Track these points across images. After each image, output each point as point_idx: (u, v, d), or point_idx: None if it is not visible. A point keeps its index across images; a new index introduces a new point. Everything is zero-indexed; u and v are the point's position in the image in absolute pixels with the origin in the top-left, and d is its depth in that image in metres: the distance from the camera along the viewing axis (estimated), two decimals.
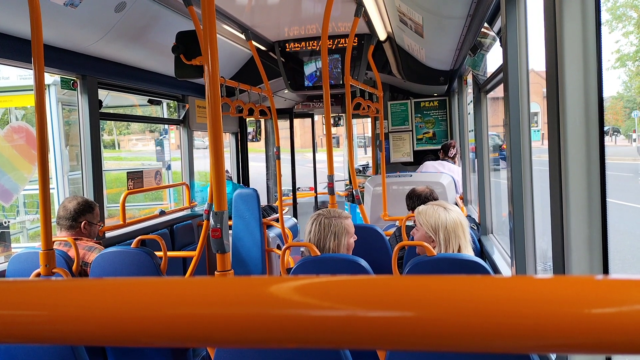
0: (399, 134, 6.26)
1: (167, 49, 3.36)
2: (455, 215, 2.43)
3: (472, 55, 3.21)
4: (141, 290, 0.45)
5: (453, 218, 2.41)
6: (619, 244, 6.04)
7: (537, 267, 2.30)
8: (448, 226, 2.39)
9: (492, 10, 2.57)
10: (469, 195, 4.94)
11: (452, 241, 2.38)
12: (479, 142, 3.82)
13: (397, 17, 3.84)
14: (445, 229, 2.39)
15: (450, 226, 2.39)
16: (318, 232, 2.54)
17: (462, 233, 2.40)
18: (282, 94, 6.22)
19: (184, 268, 4.54)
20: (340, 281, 0.42)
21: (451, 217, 2.41)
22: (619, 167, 8.63)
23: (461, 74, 4.71)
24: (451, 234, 2.39)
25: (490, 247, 3.35)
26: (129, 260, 2.67)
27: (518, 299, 0.38)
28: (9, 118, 6.46)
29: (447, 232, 2.39)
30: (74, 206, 2.95)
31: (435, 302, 0.39)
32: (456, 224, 2.40)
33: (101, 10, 3.16)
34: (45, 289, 0.47)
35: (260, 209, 4.46)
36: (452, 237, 2.39)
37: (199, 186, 5.34)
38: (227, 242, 1.99)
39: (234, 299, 0.43)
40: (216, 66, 1.89)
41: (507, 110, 2.23)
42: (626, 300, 0.36)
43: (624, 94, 9.64)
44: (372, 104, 4.52)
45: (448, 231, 2.39)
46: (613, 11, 6.72)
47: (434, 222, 2.43)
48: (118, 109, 8.20)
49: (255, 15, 4.26)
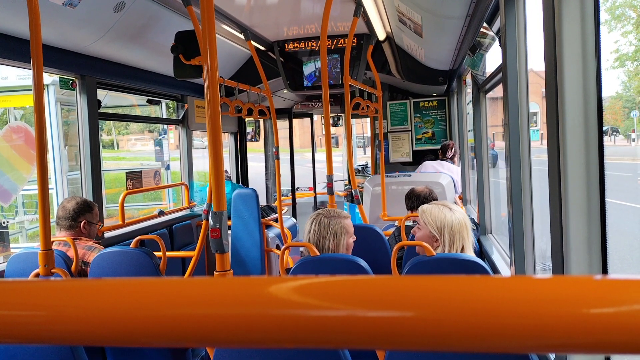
0: (398, 134, 6.26)
1: (166, 49, 3.36)
2: (461, 216, 2.43)
3: (471, 55, 3.21)
4: (140, 290, 0.45)
5: (459, 218, 2.41)
6: (619, 244, 6.04)
7: (537, 267, 2.30)
8: (454, 227, 2.39)
9: (491, 10, 2.57)
10: (468, 195, 4.95)
11: (456, 242, 2.38)
12: (478, 142, 3.82)
13: (397, 17, 3.84)
14: (450, 229, 2.39)
15: (455, 227, 2.39)
16: (317, 231, 2.53)
17: (467, 234, 2.41)
18: (281, 93, 6.23)
19: (183, 268, 4.54)
20: (339, 281, 0.42)
21: (457, 217, 2.41)
22: (618, 167, 8.64)
23: (460, 74, 4.71)
24: (456, 234, 2.38)
25: (490, 247, 3.36)
26: (128, 260, 2.66)
27: (516, 299, 0.38)
28: (7, 118, 6.45)
29: (452, 232, 2.39)
30: (73, 206, 2.95)
31: (435, 302, 0.39)
32: (461, 224, 2.40)
33: (100, 10, 3.16)
34: (45, 289, 0.47)
35: (259, 209, 4.46)
36: (457, 237, 2.38)
37: (198, 186, 5.35)
38: (226, 242, 1.99)
39: (233, 299, 0.43)
40: (215, 66, 1.89)
41: (506, 110, 2.23)
42: (624, 300, 0.36)
43: (623, 93, 9.66)
44: (371, 103, 4.52)
45: (453, 232, 2.38)
46: (612, 11, 6.76)
47: (439, 222, 2.42)
48: (117, 109, 8.20)
49: (254, 15, 4.26)
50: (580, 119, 1.45)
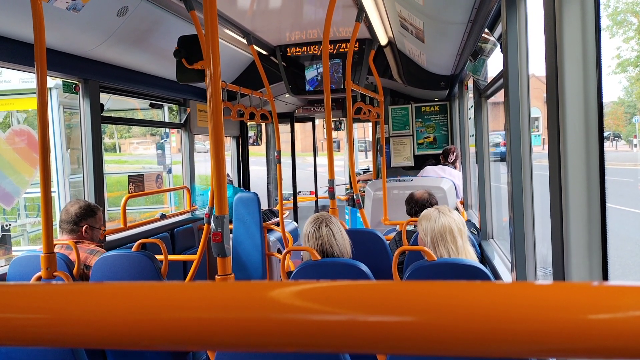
0: (399, 139, 6.26)
1: (169, 53, 3.37)
2: (446, 220, 2.38)
3: (473, 61, 3.21)
4: (142, 294, 0.46)
5: (442, 223, 2.37)
6: (620, 249, 6.03)
7: (538, 273, 2.30)
8: (435, 230, 2.37)
9: (492, 16, 2.58)
10: (469, 199, 4.94)
11: (440, 247, 2.36)
12: (480, 147, 3.82)
13: (398, 22, 3.85)
14: (432, 234, 2.37)
15: (438, 231, 2.36)
16: (326, 235, 2.51)
17: (452, 239, 2.36)
18: (283, 98, 6.23)
19: (185, 272, 4.54)
20: (340, 286, 0.43)
21: (441, 222, 2.37)
22: (619, 173, 8.63)
23: (462, 79, 4.72)
24: (438, 238, 2.36)
25: (491, 252, 3.35)
26: (129, 263, 2.67)
27: (515, 305, 0.38)
28: (10, 121, 6.47)
29: (434, 236, 2.37)
30: (76, 210, 2.95)
31: (436, 308, 0.40)
32: (445, 229, 2.36)
33: (104, 14, 3.17)
34: (46, 293, 0.47)
35: (260, 212, 4.46)
36: (439, 242, 2.36)
37: (199, 190, 5.35)
38: (227, 245, 1.99)
39: (234, 303, 0.43)
40: (218, 70, 1.89)
41: (508, 115, 2.23)
42: (621, 306, 0.36)
43: (625, 99, 9.65)
44: (373, 108, 4.53)
45: (435, 235, 2.37)
46: (613, 17, 6.77)
47: (424, 227, 2.42)
48: (119, 113, 8.21)
49: (256, 19, 4.28)
50: (581, 124, 1.45)
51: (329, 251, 2.49)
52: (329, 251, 2.49)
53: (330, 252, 2.49)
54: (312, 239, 2.52)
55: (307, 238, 2.55)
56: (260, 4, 3.88)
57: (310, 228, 2.56)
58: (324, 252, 2.50)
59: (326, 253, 2.49)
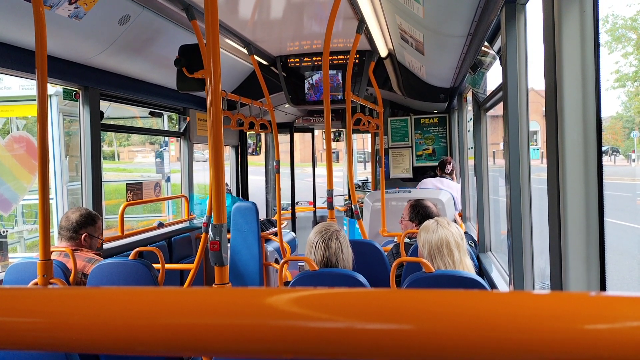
0: (398, 150, 6.27)
1: (169, 62, 3.39)
2: (443, 233, 2.37)
3: (472, 74, 3.23)
4: (138, 299, 0.45)
5: (440, 236, 2.36)
6: (618, 264, 6.02)
7: (535, 286, 2.29)
8: (432, 243, 2.37)
9: (492, 30, 2.60)
10: (467, 212, 4.94)
11: (437, 258, 2.35)
12: (479, 159, 3.83)
13: (398, 34, 3.87)
14: (429, 247, 2.37)
15: (434, 244, 2.36)
16: (334, 248, 2.46)
17: (449, 252, 2.35)
18: (282, 108, 6.25)
19: (182, 280, 4.52)
20: (338, 293, 0.42)
21: (438, 235, 2.37)
22: (617, 187, 8.65)
23: (461, 92, 4.74)
24: (435, 251, 2.36)
25: (489, 264, 3.34)
26: (126, 271, 2.66)
27: (512, 314, 0.38)
28: (10, 128, 6.47)
29: (431, 249, 2.37)
30: (76, 218, 2.95)
31: (433, 316, 0.40)
32: (441, 241, 2.35)
33: (105, 22, 3.19)
34: (42, 297, 0.47)
35: (258, 222, 4.46)
36: (436, 254, 2.36)
37: (197, 199, 5.35)
38: (225, 254, 1.98)
39: (231, 309, 0.43)
40: (218, 79, 1.90)
41: (507, 128, 2.24)
42: (619, 316, 0.36)
43: (623, 114, 9.72)
44: (372, 119, 4.54)
45: (432, 248, 2.37)
46: (612, 32, 6.82)
47: (422, 238, 2.42)
48: (119, 121, 8.23)
49: (257, 30, 4.30)
50: (580, 138, 1.46)
51: (334, 264, 2.45)
52: (333, 264, 2.45)
53: (335, 265, 2.46)
54: (320, 249, 2.46)
55: (313, 247, 2.49)
56: (261, 14, 3.90)
57: (319, 238, 2.49)
58: (328, 263, 2.46)
59: (330, 265, 2.46)
